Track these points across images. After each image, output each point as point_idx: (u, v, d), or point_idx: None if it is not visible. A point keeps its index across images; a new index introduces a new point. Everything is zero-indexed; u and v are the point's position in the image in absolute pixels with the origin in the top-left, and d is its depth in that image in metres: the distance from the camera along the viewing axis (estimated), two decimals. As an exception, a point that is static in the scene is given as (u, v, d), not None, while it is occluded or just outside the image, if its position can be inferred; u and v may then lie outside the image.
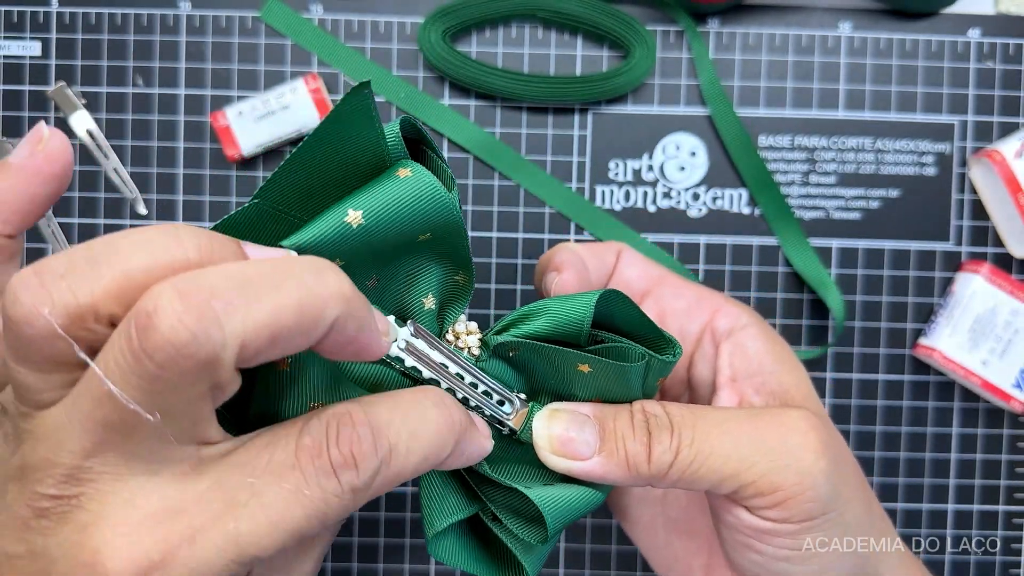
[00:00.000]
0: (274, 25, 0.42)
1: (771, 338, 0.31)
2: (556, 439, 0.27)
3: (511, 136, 0.42)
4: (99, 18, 0.42)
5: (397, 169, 0.24)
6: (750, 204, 0.43)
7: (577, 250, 0.31)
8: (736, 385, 0.31)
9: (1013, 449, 0.43)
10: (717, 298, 0.32)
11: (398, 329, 0.25)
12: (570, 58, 0.42)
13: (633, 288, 0.33)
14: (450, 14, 0.41)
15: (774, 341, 0.31)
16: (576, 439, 0.26)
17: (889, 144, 0.42)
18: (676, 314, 0.32)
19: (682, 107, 0.42)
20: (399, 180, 0.23)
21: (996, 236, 0.43)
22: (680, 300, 0.32)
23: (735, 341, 0.31)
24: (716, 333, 0.31)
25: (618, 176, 0.42)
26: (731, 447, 0.26)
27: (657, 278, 0.33)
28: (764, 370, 0.30)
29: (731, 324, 0.31)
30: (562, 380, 0.28)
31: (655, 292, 0.33)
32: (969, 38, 0.42)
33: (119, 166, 0.42)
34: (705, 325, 0.32)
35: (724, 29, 0.42)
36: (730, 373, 0.31)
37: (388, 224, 0.23)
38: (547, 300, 0.27)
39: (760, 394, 0.30)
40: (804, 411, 0.28)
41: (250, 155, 0.41)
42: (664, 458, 0.26)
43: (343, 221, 0.23)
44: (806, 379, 0.31)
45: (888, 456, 0.43)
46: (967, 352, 0.41)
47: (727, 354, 0.31)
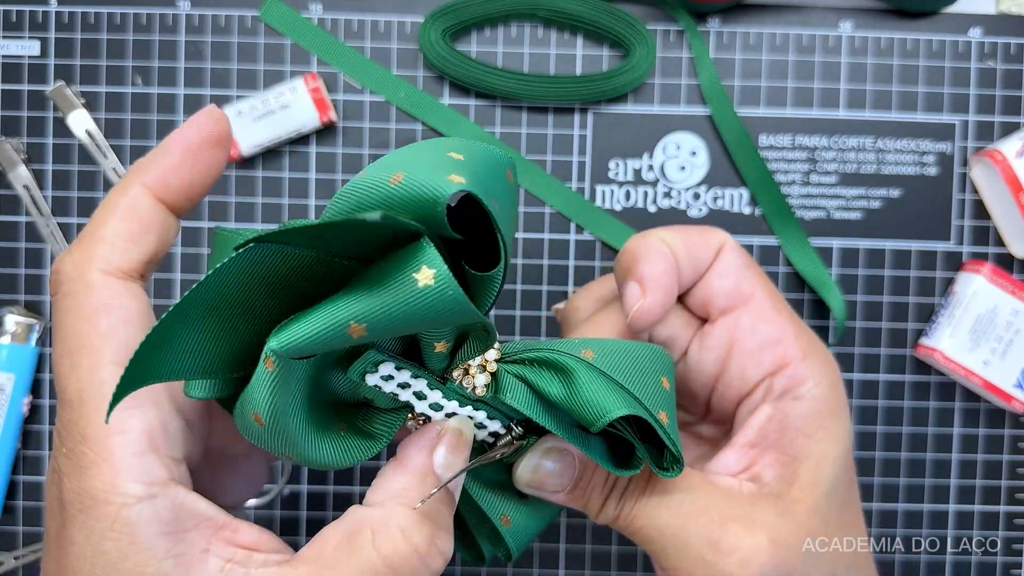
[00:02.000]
0: (273, 24, 0.42)
1: (823, 414, 0.28)
2: (536, 477, 0.27)
3: (511, 136, 0.42)
4: (98, 17, 0.42)
5: (417, 267, 0.19)
6: (751, 204, 0.42)
7: (672, 248, 0.28)
8: (753, 452, 0.28)
9: (1014, 449, 0.43)
10: (794, 348, 0.28)
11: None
12: (570, 57, 0.42)
13: (714, 304, 0.30)
14: (450, 13, 0.41)
15: (824, 420, 0.28)
16: (552, 481, 0.27)
17: (890, 144, 0.42)
18: (743, 351, 0.29)
19: (682, 107, 0.42)
20: (416, 291, 0.19)
21: (997, 236, 0.42)
22: (754, 337, 0.29)
23: (781, 408, 0.28)
24: (771, 391, 0.28)
25: (618, 176, 0.42)
26: (672, 545, 0.26)
27: (746, 296, 0.29)
28: (795, 449, 0.27)
29: (788, 386, 0.28)
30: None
31: (735, 314, 0.29)
32: (970, 38, 0.42)
33: (118, 166, 0.42)
34: (765, 375, 0.29)
35: (724, 28, 0.42)
36: (754, 437, 0.28)
37: (397, 332, 0.21)
38: (579, 366, 0.25)
39: (774, 468, 0.28)
40: (765, 546, 0.26)
41: (249, 155, 0.41)
42: (610, 515, 0.28)
43: (343, 332, 0.20)
44: (830, 470, 0.27)
45: (889, 456, 0.43)
46: (968, 352, 0.40)
47: (764, 417, 0.28)
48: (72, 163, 0.42)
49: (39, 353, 0.42)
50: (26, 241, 0.42)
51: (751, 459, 0.28)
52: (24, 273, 0.42)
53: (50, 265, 0.42)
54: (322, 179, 0.42)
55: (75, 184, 0.42)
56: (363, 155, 0.42)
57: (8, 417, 0.41)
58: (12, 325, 0.40)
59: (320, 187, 0.42)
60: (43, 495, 0.42)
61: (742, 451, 0.28)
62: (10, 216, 0.42)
